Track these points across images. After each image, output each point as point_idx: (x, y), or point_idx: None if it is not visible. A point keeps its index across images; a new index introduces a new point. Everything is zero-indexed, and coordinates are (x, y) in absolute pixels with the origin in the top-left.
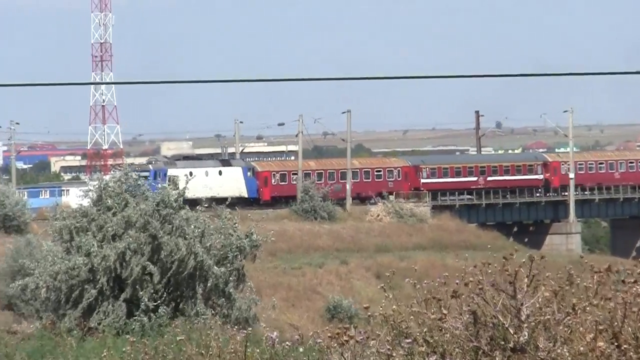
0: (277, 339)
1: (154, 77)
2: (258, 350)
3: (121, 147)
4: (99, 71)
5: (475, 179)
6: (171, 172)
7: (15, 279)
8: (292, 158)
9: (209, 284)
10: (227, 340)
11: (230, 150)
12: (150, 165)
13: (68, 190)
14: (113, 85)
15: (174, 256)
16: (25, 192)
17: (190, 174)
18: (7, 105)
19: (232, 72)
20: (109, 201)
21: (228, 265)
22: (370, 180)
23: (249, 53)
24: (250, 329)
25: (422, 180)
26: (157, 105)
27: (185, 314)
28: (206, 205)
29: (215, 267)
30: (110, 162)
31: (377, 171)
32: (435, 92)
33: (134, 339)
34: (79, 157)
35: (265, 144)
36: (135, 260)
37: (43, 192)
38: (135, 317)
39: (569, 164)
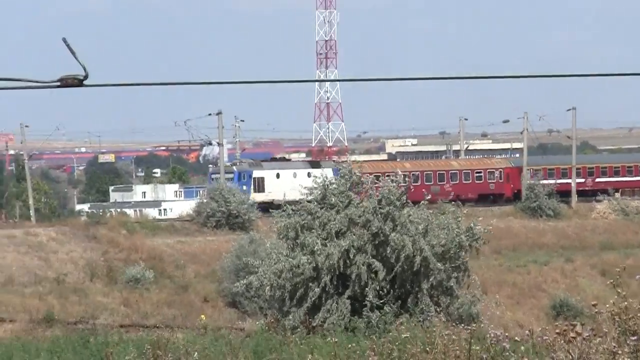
0: (501, 336)
1: (376, 74)
2: (482, 348)
3: (345, 144)
4: (324, 68)
5: (582, 180)
6: (256, 173)
7: (239, 277)
8: (517, 155)
9: (431, 281)
10: (451, 337)
11: (455, 147)
12: (234, 167)
13: None
14: (338, 82)
15: (401, 254)
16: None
17: (277, 175)
18: (232, 102)
19: (449, 70)
20: (333, 199)
21: (452, 262)
22: (470, 181)
23: (465, 51)
24: (474, 326)
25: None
26: (382, 102)
27: (409, 311)
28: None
29: (439, 264)
30: (334, 159)
31: (477, 172)
32: None
33: (359, 337)
34: (303, 155)
35: (490, 141)
36: (359, 258)
37: None
38: (360, 315)
39: None
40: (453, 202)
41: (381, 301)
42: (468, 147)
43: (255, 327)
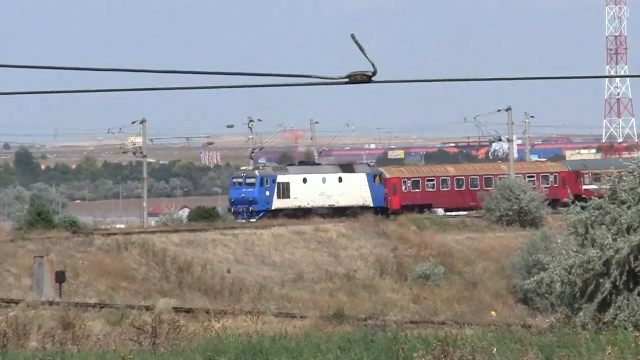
0: None
1: None
2: None
3: (636, 140)
4: (614, 64)
5: None
6: (281, 178)
7: (531, 273)
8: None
9: None
10: None
11: None
12: (256, 171)
13: None
14: (628, 78)
15: None
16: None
17: (304, 180)
18: (522, 98)
19: None
20: (623, 195)
21: None
22: None
23: None
24: None
25: (584, 187)
26: None
27: None
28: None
29: None
30: (625, 155)
31: (529, 177)
32: None
33: None
34: (593, 151)
35: None
36: None
37: None
38: None
39: None
40: None
41: None
42: None
43: (544, 324)
